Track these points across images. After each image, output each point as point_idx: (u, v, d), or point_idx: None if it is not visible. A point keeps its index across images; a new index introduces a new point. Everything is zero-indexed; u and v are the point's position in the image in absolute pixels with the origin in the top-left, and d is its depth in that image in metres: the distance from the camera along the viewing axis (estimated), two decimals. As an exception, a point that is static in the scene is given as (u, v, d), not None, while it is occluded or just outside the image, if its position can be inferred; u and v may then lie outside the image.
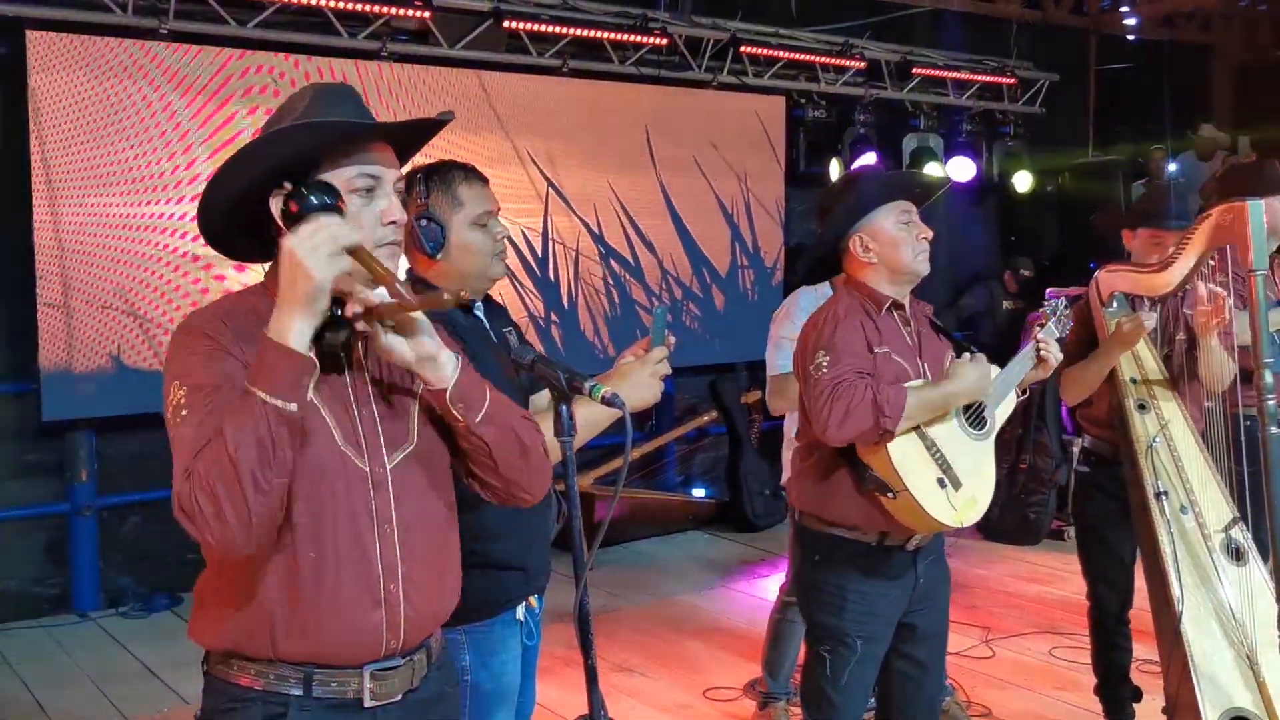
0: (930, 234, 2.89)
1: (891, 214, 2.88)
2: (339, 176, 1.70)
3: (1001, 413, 2.97)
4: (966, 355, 2.88)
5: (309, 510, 1.70)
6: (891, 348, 2.84)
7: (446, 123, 1.87)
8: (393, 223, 1.73)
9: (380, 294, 1.68)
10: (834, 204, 2.97)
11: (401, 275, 1.77)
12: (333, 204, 1.64)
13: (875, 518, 2.81)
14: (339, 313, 1.67)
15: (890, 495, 2.75)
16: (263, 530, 1.60)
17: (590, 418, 2.35)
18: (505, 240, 2.52)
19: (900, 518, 2.79)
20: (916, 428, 2.76)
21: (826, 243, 2.99)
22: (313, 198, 1.63)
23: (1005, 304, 8.40)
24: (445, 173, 2.45)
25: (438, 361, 1.73)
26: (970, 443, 2.88)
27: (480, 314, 2.51)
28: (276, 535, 1.66)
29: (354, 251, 1.61)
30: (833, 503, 2.87)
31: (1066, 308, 3.16)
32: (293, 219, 1.62)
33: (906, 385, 2.75)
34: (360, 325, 1.69)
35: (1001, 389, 2.95)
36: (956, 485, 2.80)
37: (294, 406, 1.57)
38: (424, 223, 2.37)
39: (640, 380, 2.40)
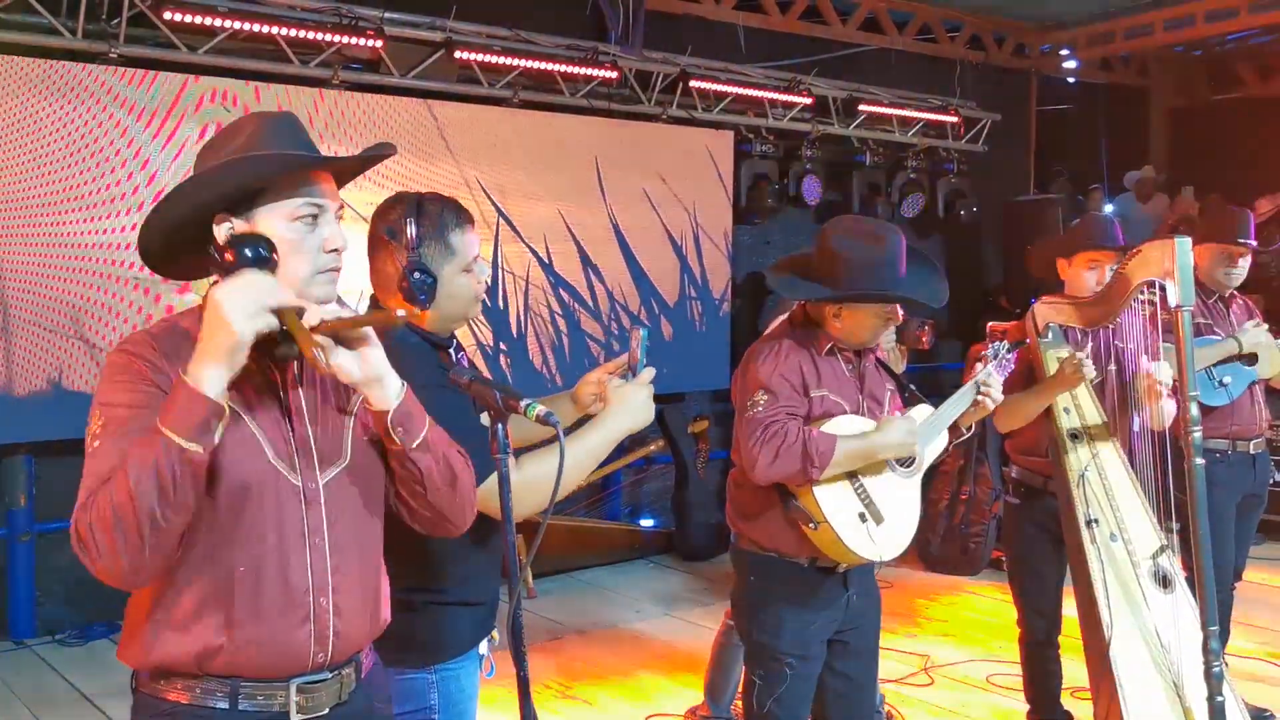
0: (900, 318, 2.95)
1: (876, 306, 2.91)
2: (285, 206, 1.75)
3: (931, 451, 3.03)
4: (897, 414, 2.97)
5: (239, 524, 1.72)
6: (830, 389, 2.92)
7: (389, 155, 1.91)
8: (335, 250, 1.78)
9: (331, 309, 1.71)
10: (829, 268, 2.90)
11: (334, 306, 1.80)
12: (267, 256, 1.67)
13: (804, 545, 2.90)
14: None
15: (812, 526, 2.83)
16: (155, 566, 1.63)
17: (524, 439, 2.36)
18: (486, 282, 2.42)
19: (821, 547, 2.87)
20: None
21: (800, 296, 3.00)
22: (247, 250, 1.66)
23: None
24: (435, 216, 2.29)
25: (384, 383, 1.75)
26: (897, 479, 2.96)
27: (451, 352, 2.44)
28: (179, 563, 1.68)
29: (279, 312, 1.64)
30: (765, 528, 2.96)
31: (1009, 351, 3.23)
32: (227, 270, 1.65)
33: (836, 433, 2.81)
34: (315, 337, 1.71)
35: (933, 429, 3.01)
36: (879, 520, 2.87)
37: (199, 449, 1.58)
38: (416, 275, 2.22)
39: (639, 403, 2.36)
